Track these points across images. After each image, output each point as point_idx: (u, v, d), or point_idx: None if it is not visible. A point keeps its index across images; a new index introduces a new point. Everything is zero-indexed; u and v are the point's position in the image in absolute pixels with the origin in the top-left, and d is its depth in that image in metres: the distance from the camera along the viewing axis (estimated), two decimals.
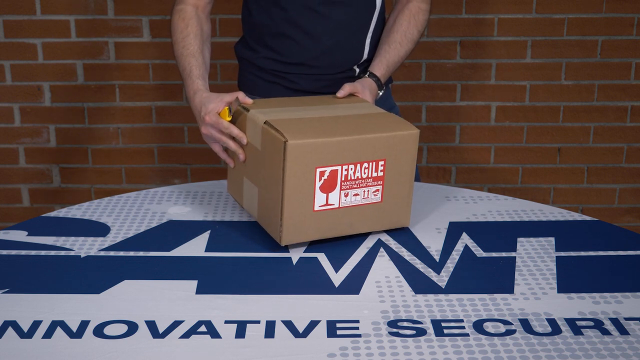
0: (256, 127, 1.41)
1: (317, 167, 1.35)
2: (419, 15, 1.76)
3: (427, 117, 2.83)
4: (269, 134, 1.37)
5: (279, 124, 1.37)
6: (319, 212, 1.38)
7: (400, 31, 1.73)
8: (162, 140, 2.85)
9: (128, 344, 1.11)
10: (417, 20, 1.76)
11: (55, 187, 2.90)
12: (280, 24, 1.70)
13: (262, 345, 1.11)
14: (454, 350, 1.10)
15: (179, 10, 1.69)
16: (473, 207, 1.62)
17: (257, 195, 1.45)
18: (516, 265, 1.36)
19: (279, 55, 1.73)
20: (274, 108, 1.47)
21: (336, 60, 1.73)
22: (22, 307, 1.20)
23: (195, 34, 1.66)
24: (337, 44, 1.71)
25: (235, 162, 1.52)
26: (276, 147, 1.34)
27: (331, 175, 1.37)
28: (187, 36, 1.65)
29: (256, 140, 1.42)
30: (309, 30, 1.69)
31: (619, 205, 2.93)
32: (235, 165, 1.53)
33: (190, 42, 1.64)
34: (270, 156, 1.37)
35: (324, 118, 1.44)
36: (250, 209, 1.50)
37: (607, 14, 2.72)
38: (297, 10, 1.68)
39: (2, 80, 2.77)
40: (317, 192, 1.37)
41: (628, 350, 1.10)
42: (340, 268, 1.35)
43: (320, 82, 1.74)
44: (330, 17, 1.68)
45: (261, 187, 1.43)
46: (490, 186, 2.91)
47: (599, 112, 2.82)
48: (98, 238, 1.45)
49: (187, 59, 1.63)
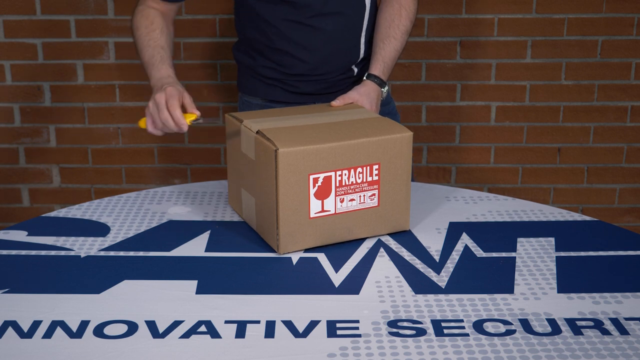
0: (249, 138, 1.42)
1: (310, 174, 1.35)
2: (409, 5, 1.73)
3: (427, 117, 2.83)
4: (261, 143, 1.37)
5: (271, 133, 1.38)
6: (316, 219, 1.38)
7: (393, 25, 1.71)
8: (162, 140, 2.85)
9: (128, 344, 1.11)
10: (408, 10, 1.73)
11: (55, 187, 2.90)
12: (274, 39, 1.69)
13: (262, 345, 1.11)
14: (454, 350, 1.10)
15: (141, 11, 1.66)
16: (473, 207, 1.62)
17: (255, 205, 1.45)
18: (516, 265, 1.36)
19: (278, 65, 1.73)
20: (267, 118, 1.48)
21: (334, 65, 1.73)
22: (22, 307, 1.20)
23: (162, 30, 1.63)
24: (333, 51, 1.71)
25: (234, 174, 1.52)
26: (268, 156, 1.35)
27: (325, 182, 1.37)
28: (152, 31, 1.62)
29: (250, 150, 1.42)
30: (304, 43, 1.69)
31: (619, 205, 2.93)
32: (233, 178, 1.54)
33: (157, 36, 1.61)
34: (263, 166, 1.38)
35: (316, 125, 1.44)
36: (249, 219, 1.50)
37: (607, 14, 2.72)
38: (289, 26, 1.67)
39: (2, 80, 2.77)
40: (312, 199, 1.37)
41: (628, 350, 1.10)
42: (340, 268, 1.35)
43: (320, 84, 1.74)
44: (322, 29, 1.67)
45: (257, 198, 1.43)
46: (490, 186, 2.91)
47: (599, 112, 2.82)
48: (98, 238, 1.45)
49: (155, 49, 1.59)
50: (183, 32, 2.73)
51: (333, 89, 1.75)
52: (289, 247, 1.39)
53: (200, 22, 2.72)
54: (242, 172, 1.49)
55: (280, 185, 1.34)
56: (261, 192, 1.41)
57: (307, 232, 1.39)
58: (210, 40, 2.73)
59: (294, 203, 1.36)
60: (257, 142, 1.39)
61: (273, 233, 1.39)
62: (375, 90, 1.67)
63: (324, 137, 1.38)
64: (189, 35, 2.73)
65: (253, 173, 1.43)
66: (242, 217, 1.54)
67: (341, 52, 1.72)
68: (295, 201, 1.36)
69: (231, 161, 1.54)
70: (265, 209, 1.41)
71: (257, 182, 1.42)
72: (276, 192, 1.34)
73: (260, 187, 1.41)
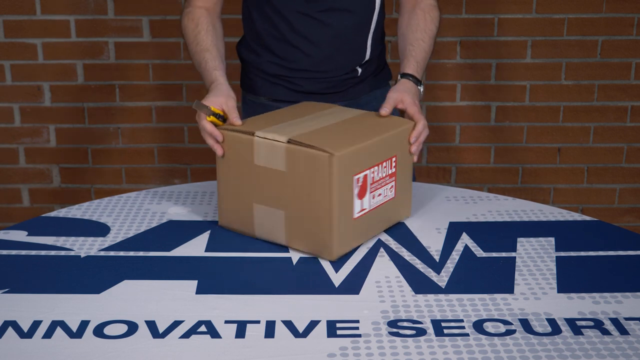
0: (275, 148, 1.35)
1: (355, 174, 1.35)
2: (432, 12, 1.71)
3: (427, 117, 2.82)
4: (299, 152, 1.32)
5: (305, 138, 1.34)
6: (358, 219, 1.38)
7: (419, 29, 1.68)
8: (162, 140, 2.85)
9: (128, 344, 1.11)
10: (432, 16, 1.71)
11: (55, 187, 2.90)
12: (282, 31, 1.70)
13: (262, 345, 1.11)
14: (454, 350, 1.10)
15: (188, 13, 1.68)
16: (473, 207, 1.62)
17: (284, 218, 1.39)
18: (516, 265, 1.36)
19: (282, 60, 1.73)
20: (275, 125, 1.41)
21: (339, 63, 1.73)
22: (22, 307, 1.20)
23: (207, 30, 1.64)
24: (339, 49, 1.71)
25: (234, 192, 1.44)
26: (313, 163, 1.31)
27: (364, 180, 1.37)
28: (198, 34, 1.64)
29: (275, 162, 1.36)
30: (310, 37, 1.69)
31: (619, 205, 2.93)
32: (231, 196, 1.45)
33: (202, 38, 1.63)
34: (302, 174, 1.34)
35: (332, 126, 1.43)
36: (271, 235, 1.42)
37: (607, 14, 2.72)
38: (298, 19, 1.67)
39: (2, 80, 2.77)
40: (355, 199, 1.36)
41: (628, 350, 1.10)
42: (340, 268, 1.35)
43: (323, 84, 1.74)
44: (330, 24, 1.68)
45: (289, 209, 1.38)
46: (490, 186, 2.91)
47: (599, 112, 2.82)
48: (98, 238, 1.45)
49: (200, 54, 1.61)
50: None
51: (336, 88, 1.75)
52: (340, 251, 1.37)
53: None
54: (254, 186, 1.40)
55: (334, 190, 1.31)
56: (298, 201, 1.36)
57: (352, 233, 1.38)
58: None
59: (344, 206, 1.34)
60: (289, 152, 1.33)
61: (323, 241, 1.35)
62: (413, 86, 1.61)
63: (354, 137, 1.37)
64: None
65: (282, 184, 1.36)
66: (250, 234, 1.45)
67: (347, 50, 1.72)
68: (345, 204, 1.34)
69: (227, 179, 1.44)
70: (305, 218, 1.36)
71: (289, 193, 1.36)
72: (330, 198, 1.32)
73: (295, 197, 1.36)
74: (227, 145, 1.42)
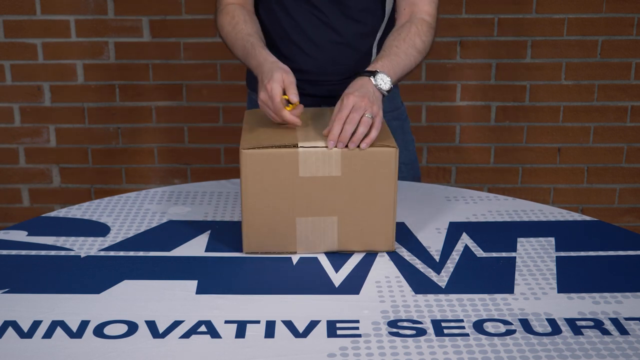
0: (327, 155, 1.34)
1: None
2: (422, 26, 1.63)
3: (427, 117, 2.83)
4: (357, 153, 1.34)
5: None
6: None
7: (399, 38, 1.59)
8: (162, 140, 2.85)
9: (128, 344, 1.11)
10: (420, 30, 1.62)
11: (55, 187, 2.90)
12: (289, 31, 1.69)
13: (262, 345, 1.11)
14: (454, 350, 1.10)
15: (221, 10, 1.67)
16: (473, 207, 1.62)
17: (337, 224, 1.38)
18: (516, 265, 1.36)
19: (287, 60, 1.73)
20: (304, 133, 1.39)
21: (343, 68, 1.73)
22: (22, 307, 1.20)
23: (245, 20, 1.63)
24: (345, 53, 1.71)
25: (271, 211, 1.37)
26: (379, 160, 1.35)
27: None
28: (236, 24, 1.63)
29: (328, 169, 1.34)
30: (317, 40, 1.69)
31: (619, 205, 2.93)
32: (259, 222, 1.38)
33: (242, 27, 1.62)
34: (360, 174, 1.35)
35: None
36: (317, 246, 1.40)
37: (607, 14, 2.72)
38: (309, 22, 1.68)
39: (2, 80, 2.77)
40: None
41: (628, 350, 1.10)
42: (340, 268, 1.35)
43: (327, 87, 1.74)
44: (337, 29, 1.68)
45: (344, 213, 1.37)
46: (490, 186, 2.91)
47: (599, 112, 2.82)
48: (98, 238, 1.45)
49: (244, 39, 1.59)
50: (183, 32, 2.73)
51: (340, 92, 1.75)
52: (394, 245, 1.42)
53: (200, 22, 2.72)
54: (296, 200, 1.35)
55: (396, 182, 1.36)
56: (355, 202, 1.36)
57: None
58: (210, 40, 2.73)
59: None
60: (345, 155, 1.34)
61: (384, 234, 1.39)
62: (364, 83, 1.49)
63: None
64: (189, 35, 2.73)
65: (334, 190, 1.35)
66: (287, 252, 1.40)
67: (352, 56, 1.72)
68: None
69: (257, 201, 1.36)
70: (364, 217, 1.37)
71: (344, 197, 1.36)
72: (393, 190, 1.36)
73: (352, 199, 1.36)
74: (260, 165, 1.33)
